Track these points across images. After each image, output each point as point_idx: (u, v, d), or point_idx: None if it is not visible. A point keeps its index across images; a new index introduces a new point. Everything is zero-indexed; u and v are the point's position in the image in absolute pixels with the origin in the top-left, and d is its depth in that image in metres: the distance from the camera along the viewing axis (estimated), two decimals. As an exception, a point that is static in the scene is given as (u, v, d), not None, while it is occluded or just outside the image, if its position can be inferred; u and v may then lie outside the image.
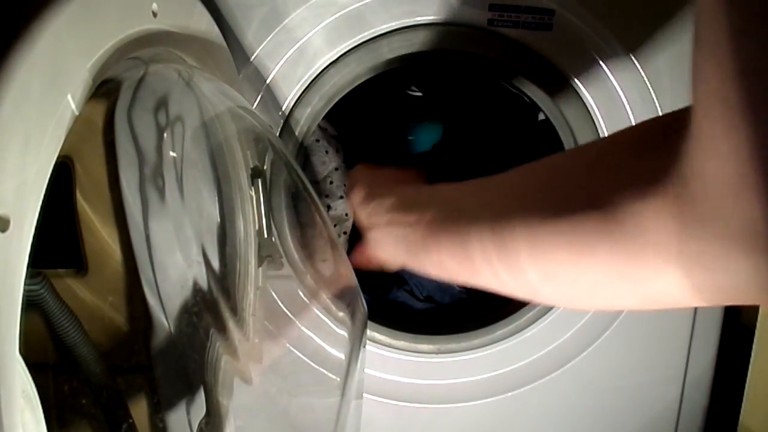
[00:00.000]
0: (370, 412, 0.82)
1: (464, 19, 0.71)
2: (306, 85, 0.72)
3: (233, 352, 0.58)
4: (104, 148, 0.55)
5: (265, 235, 0.64)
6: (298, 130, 0.74)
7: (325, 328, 0.66)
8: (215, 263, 0.59)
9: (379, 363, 0.81)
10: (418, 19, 0.71)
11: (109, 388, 0.53)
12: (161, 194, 0.53)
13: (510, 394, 0.83)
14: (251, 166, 0.63)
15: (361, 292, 0.63)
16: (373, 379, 0.81)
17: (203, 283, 0.57)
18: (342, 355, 0.62)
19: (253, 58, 0.71)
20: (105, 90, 0.46)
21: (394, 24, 0.71)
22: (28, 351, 0.30)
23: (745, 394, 0.77)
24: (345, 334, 0.63)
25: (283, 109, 0.73)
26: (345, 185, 0.89)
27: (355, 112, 0.95)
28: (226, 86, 0.57)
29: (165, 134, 0.53)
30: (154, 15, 0.43)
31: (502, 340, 0.81)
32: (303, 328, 0.66)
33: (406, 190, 0.50)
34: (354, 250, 0.59)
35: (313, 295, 0.68)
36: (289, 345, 0.66)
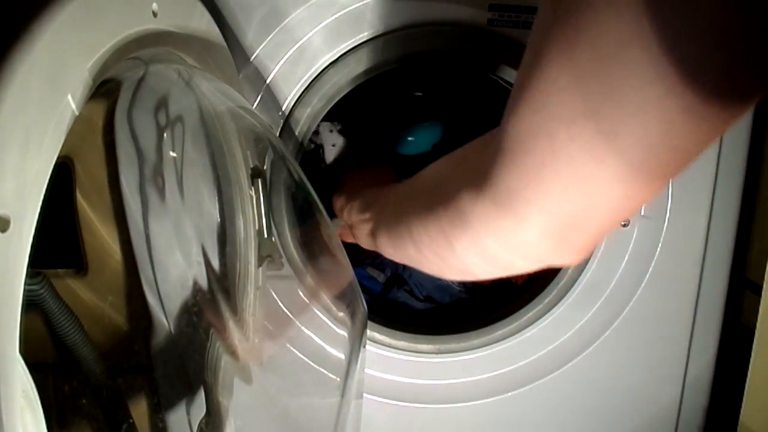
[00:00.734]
0: (370, 412, 0.82)
1: (464, 19, 0.71)
2: (306, 85, 0.72)
3: (233, 352, 0.58)
4: (104, 148, 0.55)
5: (265, 235, 0.64)
6: (298, 130, 0.74)
7: (325, 328, 0.66)
8: (215, 263, 0.59)
9: (379, 363, 0.81)
10: (418, 19, 0.71)
11: (109, 388, 0.53)
12: (161, 194, 0.53)
13: (510, 394, 0.83)
14: (251, 166, 0.63)
15: (361, 292, 0.63)
16: (373, 379, 0.81)
17: (203, 283, 0.57)
18: (342, 355, 0.62)
19: (253, 58, 0.71)
20: (105, 90, 0.46)
21: (394, 24, 0.71)
22: (28, 351, 0.30)
23: (745, 394, 0.77)
24: (345, 334, 0.63)
25: (283, 109, 0.73)
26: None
27: (355, 112, 0.95)
28: (226, 86, 0.57)
29: (165, 134, 0.53)
30: (154, 15, 0.43)
31: (502, 340, 0.81)
32: (303, 328, 0.66)
33: (369, 194, 0.59)
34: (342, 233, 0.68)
35: (313, 295, 0.68)
36: (289, 345, 0.66)
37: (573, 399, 0.84)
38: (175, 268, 0.55)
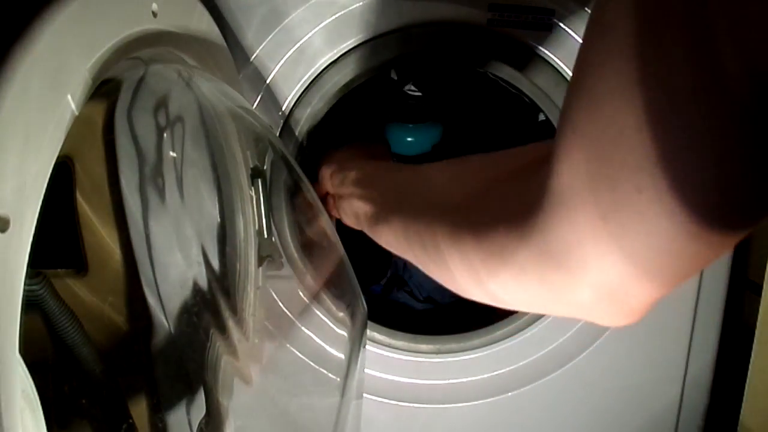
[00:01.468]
0: (370, 412, 0.82)
1: (464, 19, 0.71)
2: (306, 85, 0.72)
3: (233, 352, 0.58)
4: (104, 148, 0.55)
5: (265, 235, 0.64)
6: (298, 130, 0.74)
7: (325, 328, 0.66)
8: (215, 263, 0.59)
9: (379, 363, 0.81)
10: (418, 19, 0.71)
11: (109, 388, 0.53)
12: (161, 194, 0.53)
13: (510, 394, 0.83)
14: (251, 166, 0.63)
15: (361, 292, 0.63)
16: (373, 379, 0.81)
17: (203, 283, 0.57)
18: (342, 355, 0.62)
19: (253, 58, 0.71)
20: (105, 90, 0.46)
21: (393, 24, 0.71)
22: (28, 351, 0.30)
23: (745, 394, 0.77)
24: (345, 334, 0.63)
25: (283, 109, 0.73)
26: None
27: (353, 112, 0.95)
28: (226, 86, 0.57)
29: (165, 134, 0.53)
30: (154, 15, 0.43)
31: (502, 340, 0.81)
32: (303, 328, 0.66)
33: (368, 167, 0.56)
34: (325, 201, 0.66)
35: (313, 295, 0.68)
36: (289, 345, 0.66)
37: (573, 399, 0.84)
38: (175, 268, 0.55)
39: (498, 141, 1.02)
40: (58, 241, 0.56)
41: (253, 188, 0.63)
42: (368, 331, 0.66)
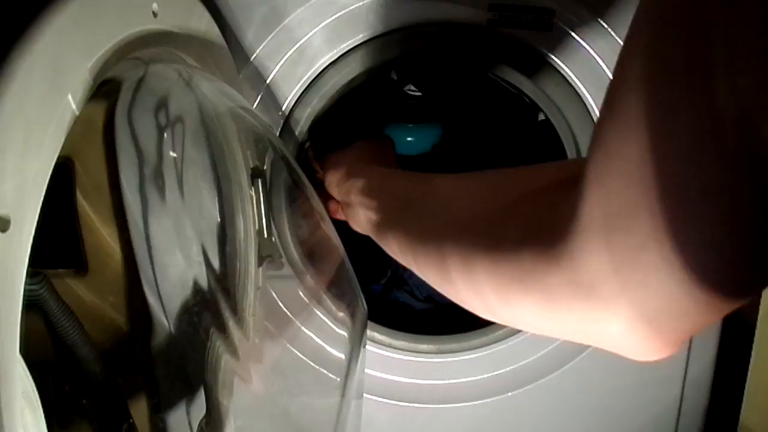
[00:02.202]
0: (370, 412, 0.82)
1: (464, 19, 0.71)
2: (306, 85, 0.72)
3: (233, 352, 0.58)
4: (104, 148, 0.55)
5: (265, 235, 0.64)
6: (298, 130, 0.74)
7: (325, 328, 0.66)
8: (215, 263, 0.59)
9: (379, 363, 0.81)
10: (418, 18, 0.71)
11: (109, 388, 0.53)
12: (161, 194, 0.53)
13: (510, 394, 0.83)
14: (251, 166, 0.63)
15: (361, 292, 0.63)
16: (373, 379, 0.81)
17: (203, 283, 0.57)
18: (342, 355, 0.62)
19: (253, 58, 0.70)
20: (105, 90, 0.46)
21: (393, 24, 0.71)
22: (28, 351, 0.30)
23: (745, 394, 0.77)
24: (345, 334, 0.63)
25: (283, 109, 0.73)
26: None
27: (353, 112, 0.95)
28: (226, 86, 0.58)
29: (165, 134, 0.53)
30: (155, 15, 0.43)
31: (502, 340, 0.80)
32: (303, 328, 0.66)
33: (374, 175, 0.55)
34: (330, 204, 0.67)
35: (313, 295, 0.68)
36: (289, 345, 0.66)
37: (573, 399, 0.84)
38: (175, 267, 0.55)
39: (497, 141, 1.02)
40: (58, 241, 0.56)
41: (253, 188, 0.63)
42: (368, 331, 0.66)
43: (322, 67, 0.72)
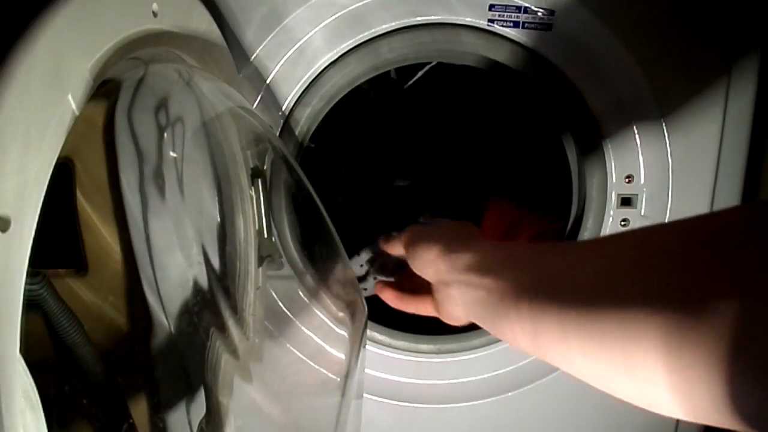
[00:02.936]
0: (371, 412, 0.82)
1: (464, 19, 0.71)
2: (306, 85, 0.72)
3: (233, 352, 0.58)
4: (104, 148, 0.55)
5: (265, 235, 0.64)
6: (298, 130, 0.74)
7: (325, 328, 0.66)
8: (215, 263, 0.59)
9: (379, 363, 0.81)
10: (418, 19, 0.71)
11: (109, 388, 0.53)
12: (161, 194, 0.53)
13: (510, 394, 0.83)
14: (251, 166, 0.63)
15: (361, 292, 0.63)
16: (373, 379, 0.81)
17: (203, 283, 0.57)
18: (342, 355, 0.62)
19: (253, 58, 0.71)
20: (105, 90, 0.46)
21: (394, 24, 0.71)
22: (28, 351, 0.30)
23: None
24: (345, 334, 0.63)
25: (283, 109, 0.73)
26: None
27: (354, 111, 0.95)
28: (226, 86, 0.58)
29: (165, 134, 0.53)
30: (155, 15, 0.43)
31: (501, 340, 0.81)
32: (303, 328, 0.66)
33: (481, 249, 0.48)
34: (409, 296, 0.62)
35: (313, 295, 0.68)
36: (289, 345, 0.66)
37: (573, 399, 0.84)
38: (176, 267, 0.55)
39: (497, 141, 1.02)
40: (58, 241, 0.56)
41: (253, 188, 0.63)
42: (368, 331, 0.66)
43: (322, 67, 0.72)
